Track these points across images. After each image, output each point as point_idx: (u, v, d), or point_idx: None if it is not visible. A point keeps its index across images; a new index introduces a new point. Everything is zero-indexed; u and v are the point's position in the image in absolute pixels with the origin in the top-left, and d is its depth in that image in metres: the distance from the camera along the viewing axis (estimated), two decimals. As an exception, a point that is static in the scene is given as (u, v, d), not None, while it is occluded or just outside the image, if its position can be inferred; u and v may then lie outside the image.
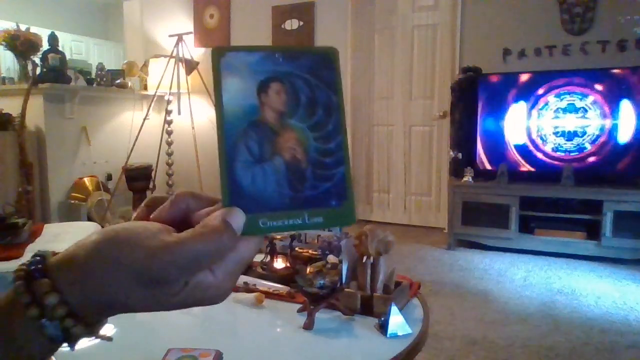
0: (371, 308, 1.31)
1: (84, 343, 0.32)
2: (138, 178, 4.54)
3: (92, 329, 0.32)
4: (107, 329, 0.34)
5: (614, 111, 3.54)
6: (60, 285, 0.31)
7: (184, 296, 0.31)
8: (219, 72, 0.33)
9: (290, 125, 0.33)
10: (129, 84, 4.73)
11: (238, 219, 0.31)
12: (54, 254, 0.33)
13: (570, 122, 3.66)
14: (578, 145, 3.66)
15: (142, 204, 0.36)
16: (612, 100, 3.54)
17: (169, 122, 4.63)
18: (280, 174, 0.33)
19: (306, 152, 0.33)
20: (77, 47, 6.84)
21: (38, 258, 0.32)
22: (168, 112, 4.60)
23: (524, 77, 3.76)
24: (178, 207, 0.34)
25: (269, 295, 1.42)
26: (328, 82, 0.35)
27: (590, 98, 3.59)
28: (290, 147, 0.33)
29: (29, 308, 0.30)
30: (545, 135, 3.75)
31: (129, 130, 4.55)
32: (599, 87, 3.56)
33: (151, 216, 0.34)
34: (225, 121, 0.32)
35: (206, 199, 0.35)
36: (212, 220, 0.31)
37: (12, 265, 1.89)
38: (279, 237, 1.60)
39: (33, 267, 0.31)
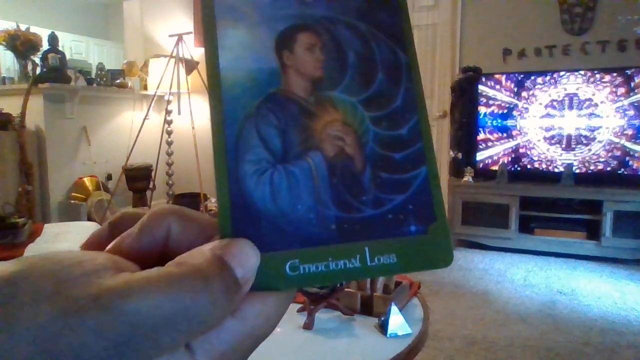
0: (371, 308, 1.31)
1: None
2: (138, 178, 4.54)
3: None
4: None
5: (613, 111, 3.54)
6: None
7: None
8: (211, 18, 0.21)
9: (332, 99, 0.22)
10: (129, 84, 4.73)
11: (246, 258, 0.19)
12: None
13: (571, 122, 3.66)
14: (578, 144, 3.66)
15: (106, 223, 0.23)
16: (612, 100, 3.54)
17: (169, 122, 4.62)
18: (318, 182, 0.21)
19: (361, 143, 0.21)
20: (77, 47, 6.84)
21: None
22: (168, 112, 4.60)
23: (524, 77, 3.76)
24: (152, 234, 0.21)
25: (269, 295, 1.42)
26: (391, 30, 0.23)
27: (590, 98, 3.59)
28: (334, 136, 0.21)
29: None
30: (544, 135, 3.75)
31: (129, 130, 4.55)
32: (598, 86, 3.56)
33: (108, 246, 0.21)
34: (224, 97, 0.20)
35: (203, 223, 0.21)
36: (196, 256, 0.19)
37: (12, 265, 1.89)
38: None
39: None
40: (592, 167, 3.62)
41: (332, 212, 0.20)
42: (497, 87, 3.83)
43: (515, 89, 3.78)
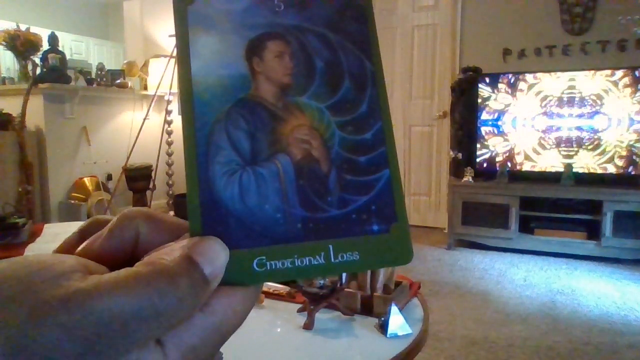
0: (371, 308, 1.31)
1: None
2: (138, 178, 4.54)
3: None
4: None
5: (614, 111, 3.54)
6: None
7: None
8: (184, 27, 0.22)
9: (300, 105, 0.22)
10: (129, 84, 4.73)
11: (214, 255, 0.19)
12: None
13: (570, 122, 3.66)
14: (578, 144, 3.66)
15: (76, 230, 0.23)
16: (612, 100, 3.54)
17: (169, 122, 4.63)
18: (286, 183, 0.21)
19: (327, 146, 0.22)
20: (77, 47, 6.84)
21: None
22: (168, 112, 4.60)
23: (524, 77, 3.75)
24: (121, 236, 0.21)
25: (269, 295, 1.42)
26: (358, 39, 0.23)
27: (590, 98, 3.59)
28: (301, 140, 0.22)
29: None
30: (544, 135, 3.74)
31: (129, 130, 4.55)
32: (599, 86, 3.56)
33: (78, 248, 0.22)
34: (195, 101, 0.21)
35: (170, 225, 0.22)
36: (165, 255, 0.19)
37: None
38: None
39: None
40: (592, 167, 3.62)
41: (298, 212, 0.21)
42: (497, 87, 3.82)
43: (515, 89, 3.78)
